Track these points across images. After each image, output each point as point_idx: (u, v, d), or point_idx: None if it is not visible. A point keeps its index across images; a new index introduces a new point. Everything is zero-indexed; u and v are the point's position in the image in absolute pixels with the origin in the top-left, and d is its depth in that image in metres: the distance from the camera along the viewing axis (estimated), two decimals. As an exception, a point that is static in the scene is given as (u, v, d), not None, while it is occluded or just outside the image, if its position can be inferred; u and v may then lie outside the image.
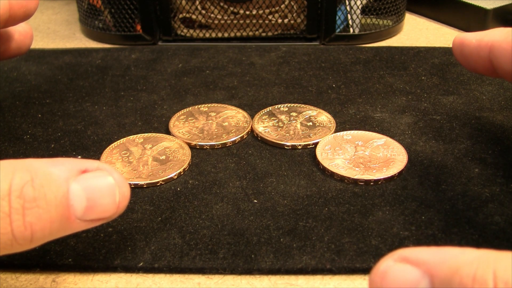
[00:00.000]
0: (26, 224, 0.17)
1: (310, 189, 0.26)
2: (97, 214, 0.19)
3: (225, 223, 0.24)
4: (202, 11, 0.44)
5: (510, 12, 0.46)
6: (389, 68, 0.39)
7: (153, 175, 0.27)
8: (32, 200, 0.17)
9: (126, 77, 0.38)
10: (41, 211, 0.17)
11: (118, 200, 0.19)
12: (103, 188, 0.19)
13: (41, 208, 0.17)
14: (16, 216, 0.17)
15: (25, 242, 0.17)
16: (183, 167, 0.27)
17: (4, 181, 0.17)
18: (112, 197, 0.19)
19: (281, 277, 0.22)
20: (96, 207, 0.19)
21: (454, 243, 0.22)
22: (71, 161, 0.19)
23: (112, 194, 0.19)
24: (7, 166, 0.17)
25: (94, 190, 0.19)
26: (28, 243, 0.18)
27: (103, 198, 0.19)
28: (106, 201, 0.19)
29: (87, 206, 0.18)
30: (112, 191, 0.19)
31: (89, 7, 0.46)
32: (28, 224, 0.17)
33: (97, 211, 0.19)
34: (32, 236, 0.17)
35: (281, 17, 0.44)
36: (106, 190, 0.19)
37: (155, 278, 0.22)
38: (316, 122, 0.32)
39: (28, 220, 0.17)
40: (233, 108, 0.33)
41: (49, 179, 0.18)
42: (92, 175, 0.19)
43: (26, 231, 0.17)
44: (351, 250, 0.22)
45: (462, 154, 0.29)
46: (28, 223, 0.17)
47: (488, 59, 0.22)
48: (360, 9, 0.44)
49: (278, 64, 0.40)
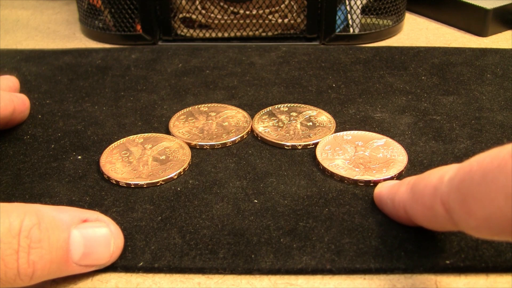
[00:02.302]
0: (29, 262, 0.19)
1: (310, 189, 0.26)
2: (92, 261, 0.21)
3: (225, 223, 0.24)
4: (202, 11, 0.44)
5: (510, 12, 0.46)
6: (389, 68, 0.39)
7: (153, 175, 0.27)
8: (38, 241, 0.19)
9: (126, 77, 0.38)
10: (43, 252, 0.19)
11: (112, 250, 0.22)
12: (100, 238, 0.21)
13: (44, 249, 0.19)
14: (23, 254, 0.19)
15: (26, 279, 0.19)
16: (183, 167, 0.27)
17: (15, 222, 0.19)
18: (107, 247, 0.21)
19: (281, 277, 0.22)
20: (92, 254, 0.21)
21: (453, 244, 0.22)
22: (74, 210, 0.22)
23: (107, 244, 0.21)
24: (19, 209, 0.19)
25: (91, 239, 0.21)
26: (28, 279, 0.19)
27: (99, 247, 0.21)
28: (101, 250, 0.21)
29: (84, 252, 0.21)
30: (107, 242, 0.21)
31: (89, 7, 0.46)
32: (31, 262, 0.19)
33: (92, 258, 0.21)
34: (33, 274, 0.19)
35: (281, 17, 0.44)
36: (103, 240, 0.21)
37: (155, 278, 0.22)
38: (316, 122, 0.32)
39: (32, 259, 0.19)
40: (233, 108, 0.33)
41: (53, 224, 0.20)
42: (91, 225, 0.21)
43: (29, 269, 0.19)
44: (351, 251, 0.22)
45: (462, 154, 0.29)
46: (32, 261, 0.19)
47: (406, 216, 0.22)
48: (360, 9, 0.44)
49: (278, 64, 0.40)
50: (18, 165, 0.28)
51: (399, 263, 0.22)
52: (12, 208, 0.20)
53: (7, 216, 0.19)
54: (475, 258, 0.22)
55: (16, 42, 0.47)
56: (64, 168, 0.28)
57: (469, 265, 0.22)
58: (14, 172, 0.28)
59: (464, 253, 0.22)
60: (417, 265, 0.22)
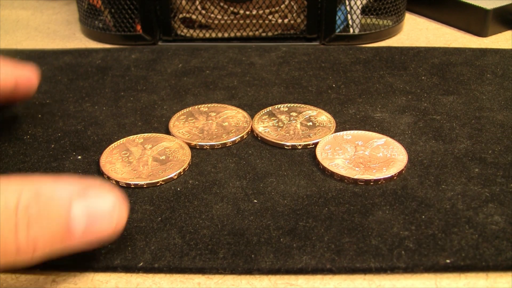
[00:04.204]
0: (29, 238, 0.18)
1: (310, 189, 0.26)
2: (95, 235, 0.20)
3: (225, 223, 0.24)
4: (202, 11, 0.44)
5: (510, 12, 0.46)
6: (389, 68, 0.39)
7: (153, 175, 0.27)
8: (37, 216, 0.18)
9: (126, 77, 0.38)
10: (44, 227, 0.18)
11: (115, 223, 0.20)
12: (103, 211, 0.20)
13: (44, 225, 0.18)
14: (22, 231, 0.18)
15: (27, 256, 0.18)
16: (183, 167, 0.27)
17: (12, 196, 0.18)
18: (109, 219, 0.20)
19: (281, 277, 0.22)
20: (94, 228, 0.19)
21: (454, 242, 0.22)
22: (74, 180, 0.20)
23: (110, 216, 0.20)
24: (16, 183, 0.18)
25: (93, 212, 0.19)
26: (29, 257, 0.18)
27: (101, 220, 0.20)
28: (103, 223, 0.20)
29: (86, 226, 0.19)
30: (110, 214, 0.20)
31: (89, 7, 0.46)
32: (31, 239, 0.18)
33: (95, 232, 0.20)
34: (34, 251, 0.18)
35: (281, 17, 0.44)
36: (106, 213, 0.20)
37: (155, 278, 0.22)
38: (316, 122, 0.32)
39: (32, 235, 0.18)
40: (233, 108, 0.33)
41: (53, 198, 0.19)
42: (93, 197, 0.20)
43: (29, 246, 0.18)
44: (351, 250, 0.22)
45: (462, 154, 0.29)
46: (32, 238, 0.18)
47: None
48: (360, 9, 0.44)
49: (278, 64, 0.40)
50: (18, 165, 0.28)
51: (399, 262, 0.22)
52: (9, 181, 0.18)
53: (3, 191, 0.18)
54: (476, 257, 0.22)
55: (16, 42, 0.47)
56: (64, 168, 0.28)
57: (469, 264, 0.22)
58: (14, 172, 0.28)
59: (464, 252, 0.22)
60: (417, 264, 0.22)
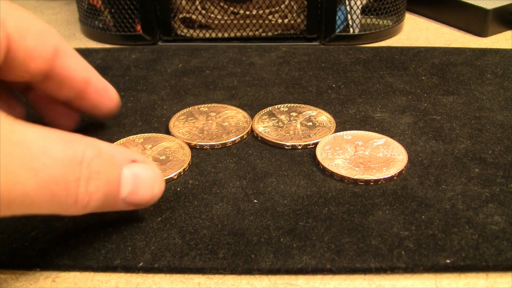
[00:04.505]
0: (87, 191, 0.20)
1: (310, 189, 0.26)
2: (136, 200, 0.22)
3: (225, 223, 0.24)
4: (202, 11, 0.44)
5: (510, 12, 0.46)
6: (389, 68, 0.39)
7: None
8: (97, 173, 0.20)
9: (126, 77, 0.38)
10: (100, 184, 0.20)
11: (155, 192, 0.22)
12: (146, 179, 0.22)
13: (101, 181, 0.20)
14: (83, 183, 0.19)
15: (80, 207, 0.20)
16: (183, 167, 0.27)
17: (79, 151, 0.19)
18: (151, 188, 0.22)
19: (281, 277, 0.22)
20: (137, 193, 0.22)
21: (454, 242, 0.22)
22: (125, 149, 0.23)
23: (152, 185, 0.22)
24: (81, 140, 0.20)
25: (139, 179, 0.22)
26: (81, 208, 0.20)
27: (144, 187, 0.22)
28: (146, 190, 0.22)
29: (131, 190, 0.22)
30: (152, 183, 0.22)
31: (89, 7, 0.46)
32: (89, 192, 0.20)
33: (137, 197, 0.22)
34: (88, 204, 0.20)
35: (281, 17, 0.44)
36: (149, 181, 0.22)
37: (155, 278, 0.22)
38: (316, 122, 0.32)
39: (90, 189, 0.20)
40: (233, 108, 0.33)
41: (110, 159, 0.21)
42: (140, 166, 0.22)
43: (86, 198, 0.20)
44: (351, 250, 0.22)
45: (462, 154, 0.29)
46: (89, 191, 0.20)
47: None
48: (360, 9, 0.44)
49: (278, 64, 0.40)
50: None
51: (399, 262, 0.22)
52: (75, 138, 0.20)
53: (71, 145, 0.19)
54: (476, 257, 0.22)
55: (16, 42, 0.47)
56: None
57: (469, 264, 0.22)
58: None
59: (464, 252, 0.22)
60: (417, 264, 0.22)
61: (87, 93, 0.29)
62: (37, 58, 0.25)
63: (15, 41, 0.23)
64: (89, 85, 0.28)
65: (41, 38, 0.25)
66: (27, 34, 0.24)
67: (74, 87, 0.28)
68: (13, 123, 0.19)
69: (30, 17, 0.25)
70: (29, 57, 0.24)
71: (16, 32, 0.23)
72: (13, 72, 0.25)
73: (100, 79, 0.29)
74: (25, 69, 0.25)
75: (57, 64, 0.26)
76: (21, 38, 0.24)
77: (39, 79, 0.26)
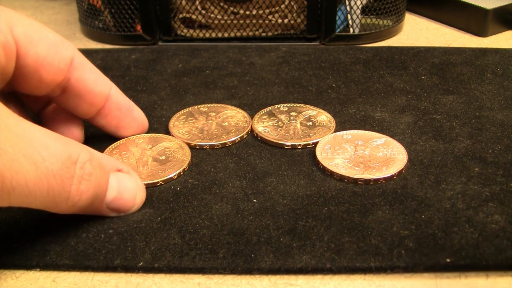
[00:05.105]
0: (78, 191, 0.21)
1: (310, 188, 0.26)
2: (119, 206, 0.24)
3: (225, 223, 0.24)
4: (202, 11, 0.44)
5: (510, 12, 0.46)
6: (389, 68, 0.39)
7: (153, 175, 0.27)
8: (88, 174, 0.21)
9: (126, 78, 0.38)
10: (90, 186, 0.21)
11: (136, 201, 0.24)
12: (130, 188, 0.24)
13: (91, 183, 0.22)
14: (76, 182, 0.21)
15: (70, 205, 0.21)
16: (182, 167, 0.27)
17: (74, 152, 0.21)
18: (134, 197, 0.24)
19: (281, 277, 0.22)
20: (120, 200, 0.23)
21: (454, 242, 0.22)
22: (112, 159, 0.24)
23: (134, 194, 0.24)
24: (75, 144, 0.21)
25: (123, 186, 0.23)
26: (71, 206, 0.21)
27: (127, 195, 0.24)
28: (128, 198, 0.24)
29: (115, 196, 0.23)
30: (135, 192, 0.24)
31: (89, 7, 0.46)
32: (80, 191, 0.21)
33: (120, 204, 0.23)
34: (77, 203, 0.21)
35: (281, 17, 0.44)
36: (132, 190, 0.24)
37: (155, 278, 0.22)
38: (316, 122, 0.32)
39: (81, 188, 0.21)
40: (233, 108, 0.33)
41: (101, 165, 0.22)
42: (125, 176, 0.24)
43: (76, 196, 0.21)
44: (351, 250, 0.22)
45: (462, 153, 0.29)
46: (80, 191, 0.21)
47: None
48: (360, 9, 0.44)
49: (278, 64, 0.40)
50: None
51: (399, 262, 0.22)
52: (71, 141, 0.21)
53: (68, 146, 0.21)
54: (476, 256, 0.22)
55: (16, 43, 0.47)
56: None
57: (469, 264, 0.22)
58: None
59: (464, 251, 0.22)
60: (417, 264, 0.22)
61: (108, 110, 0.28)
62: (49, 67, 0.25)
63: (23, 47, 0.24)
64: (109, 101, 0.28)
65: (55, 48, 0.25)
66: (38, 43, 0.24)
67: (93, 102, 0.27)
68: (18, 119, 0.20)
69: (46, 29, 0.25)
70: (41, 65, 0.24)
71: (25, 38, 0.24)
72: (28, 82, 0.25)
73: (123, 97, 0.29)
74: (38, 78, 0.25)
75: (74, 76, 0.26)
76: (31, 45, 0.24)
77: (57, 93, 0.26)
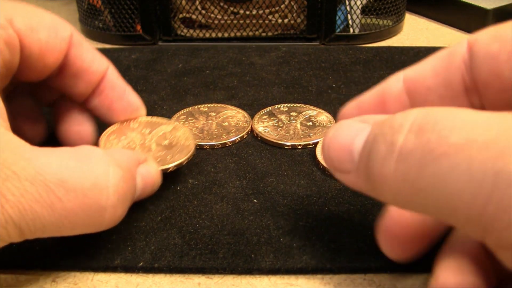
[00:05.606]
0: (114, 216, 0.21)
1: (310, 188, 0.26)
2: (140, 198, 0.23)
3: (225, 223, 0.24)
4: (202, 11, 0.44)
5: (510, 12, 0.46)
6: (389, 68, 0.39)
7: (162, 161, 0.26)
8: (123, 194, 0.21)
9: (126, 78, 0.38)
10: (126, 205, 0.22)
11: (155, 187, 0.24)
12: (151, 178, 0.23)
13: (126, 203, 0.22)
14: (110, 210, 0.20)
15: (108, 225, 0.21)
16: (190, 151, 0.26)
17: (101, 175, 0.20)
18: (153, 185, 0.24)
19: (281, 277, 0.22)
20: (144, 193, 0.23)
21: (454, 242, 0.22)
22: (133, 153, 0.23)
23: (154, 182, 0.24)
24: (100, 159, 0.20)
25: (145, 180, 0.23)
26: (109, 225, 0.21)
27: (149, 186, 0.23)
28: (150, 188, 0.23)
29: (140, 193, 0.23)
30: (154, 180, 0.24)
31: (89, 7, 0.46)
32: (116, 216, 0.21)
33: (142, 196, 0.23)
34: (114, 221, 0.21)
35: (281, 17, 0.44)
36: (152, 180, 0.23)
37: (155, 278, 0.22)
38: (316, 122, 0.32)
39: (117, 213, 0.21)
40: (233, 108, 0.33)
41: (131, 174, 0.22)
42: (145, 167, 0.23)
43: (111, 222, 0.21)
44: (351, 250, 0.22)
45: (462, 153, 0.29)
46: (116, 213, 0.21)
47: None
48: (360, 9, 0.44)
49: (278, 64, 0.40)
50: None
51: (399, 263, 0.22)
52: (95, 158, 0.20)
53: (91, 168, 0.20)
54: (475, 258, 0.22)
55: (16, 42, 0.47)
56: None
57: (469, 265, 0.22)
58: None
59: (464, 252, 0.22)
60: (417, 264, 0.22)
61: (102, 87, 0.28)
62: (52, 50, 0.24)
63: (27, 37, 0.23)
64: (104, 80, 0.28)
65: (54, 30, 0.24)
66: (39, 28, 0.24)
67: (89, 80, 0.27)
68: (31, 152, 0.19)
69: (40, 11, 0.24)
70: (44, 51, 0.24)
71: (26, 28, 0.23)
72: (33, 70, 0.24)
73: (119, 79, 0.28)
74: (43, 63, 0.24)
75: (71, 54, 0.26)
76: (33, 33, 0.23)
77: (54, 72, 0.26)
